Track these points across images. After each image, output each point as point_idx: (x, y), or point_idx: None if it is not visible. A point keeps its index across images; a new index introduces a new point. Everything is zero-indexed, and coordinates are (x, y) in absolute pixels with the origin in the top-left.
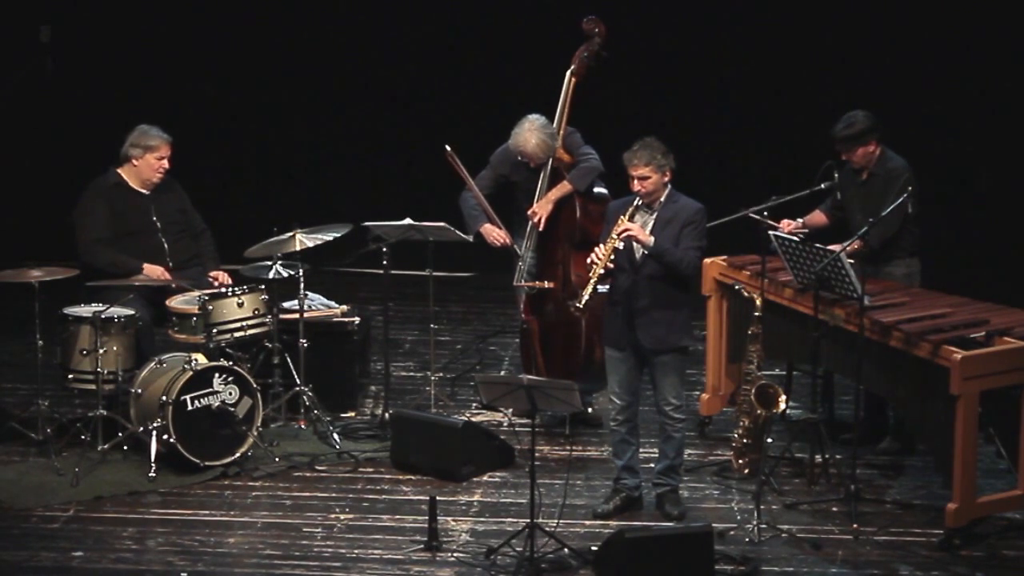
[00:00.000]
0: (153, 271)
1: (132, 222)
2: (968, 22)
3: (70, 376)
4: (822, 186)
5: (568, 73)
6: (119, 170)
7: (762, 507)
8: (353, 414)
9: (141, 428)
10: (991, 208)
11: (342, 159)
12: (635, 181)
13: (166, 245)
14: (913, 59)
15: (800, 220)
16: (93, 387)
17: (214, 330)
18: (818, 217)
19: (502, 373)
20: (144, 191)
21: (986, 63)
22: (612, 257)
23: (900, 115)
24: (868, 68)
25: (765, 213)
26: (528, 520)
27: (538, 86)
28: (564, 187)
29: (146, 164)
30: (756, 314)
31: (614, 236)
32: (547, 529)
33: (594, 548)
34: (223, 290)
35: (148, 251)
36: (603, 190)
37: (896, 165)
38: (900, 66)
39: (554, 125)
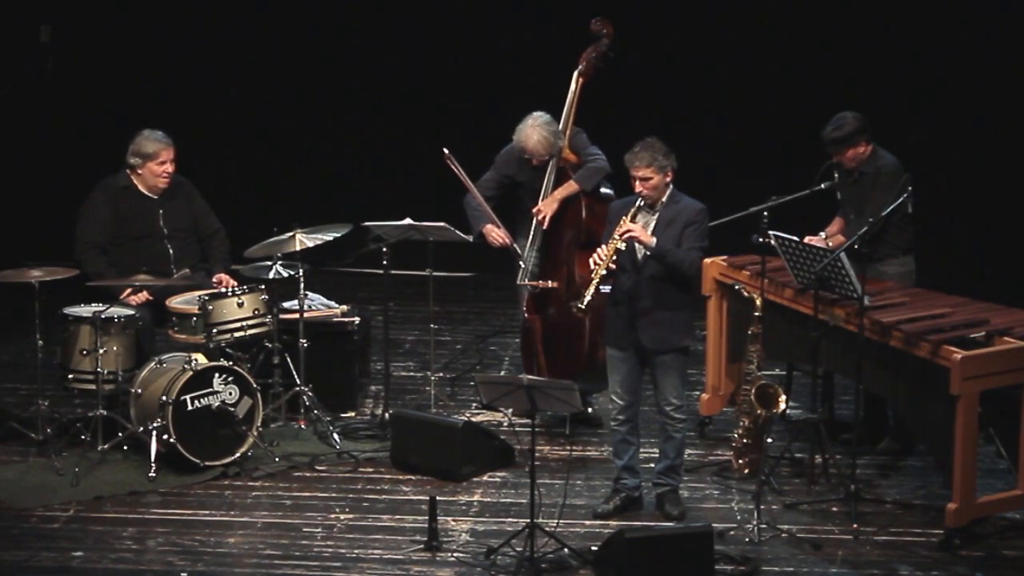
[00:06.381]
0: (132, 300)
1: (138, 227)
2: (968, 20)
3: (70, 376)
4: (822, 186)
5: (576, 73)
6: (129, 172)
7: (762, 507)
8: (353, 414)
9: (141, 428)
10: (991, 207)
11: (342, 159)
12: (637, 182)
13: (171, 251)
14: (913, 57)
15: (822, 234)
16: (93, 387)
17: (214, 330)
18: (838, 224)
19: (502, 373)
20: (152, 196)
21: (985, 61)
22: (614, 258)
23: (899, 114)
24: (868, 68)
25: (765, 213)
26: (528, 520)
27: (545, 86)
28: (570, 187)
29: (148, 172)
30: (756, 314)
31: (616, 237)
32: (547, 529)
33: (594, 548)
34: (223, 290)
35: (152, 257)
36: (609, 191)
37: (887, 164)
38: (900, 65)
39: (561, 125)
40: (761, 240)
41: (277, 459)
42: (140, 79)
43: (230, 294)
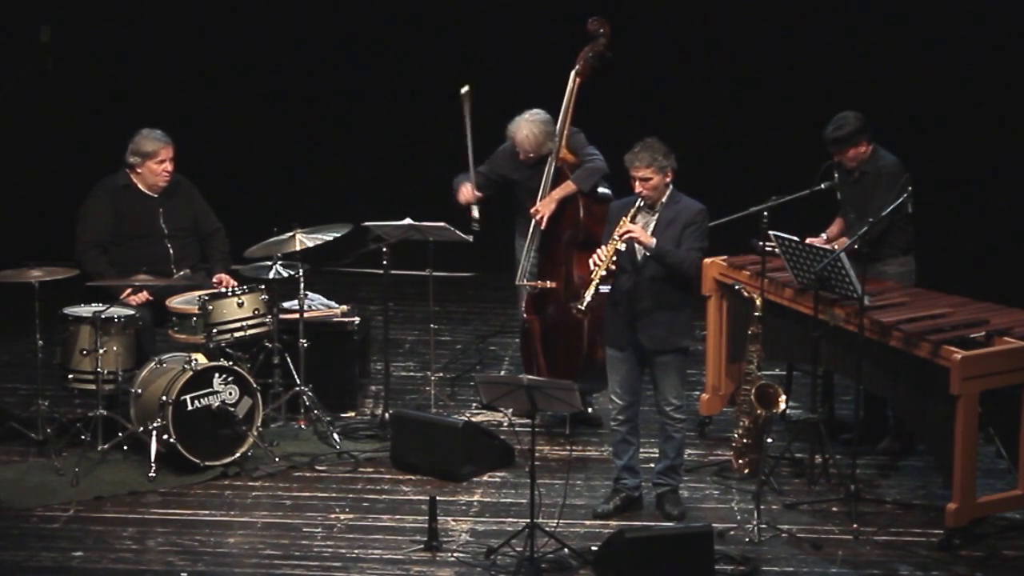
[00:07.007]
0: (132, 300)
1: (138, 226)
2: (968, 20)
3: (70, 376)
4: (822, 186)
5: (572, 73)
6: (129, 171)
7: (762, 507)
8: (353, 414)
9: (141, 428)
10: (991, 208)
11: (342, 159)
12: (637, 182)
13: (171, 251)
14: (914, 57)
15: (824, 235)
16: (93, 387)
17: (214, 330)
18: (839, 226)
19: (502, 373)
20: (152, 195)
21: (985, 61)
22: (614, 258)
23: (900, 113)
24: (868, 67)
25: (765, 213)
26: (528, 520)
27: (543, 86)
28: (568, 187)
29: (148, 171)
30: (756, 314)
31: (616, 237)
32: (547, 529)
33: (594, 548)
34: (223, 290)
35: (153, 256)
36: (607, 191)
37: (887, 163)
38: (900, 65)
39: (558, 125)
40: (761, 244)
41: (277, 459)
42: (140, 79)
43: (230, 294)
